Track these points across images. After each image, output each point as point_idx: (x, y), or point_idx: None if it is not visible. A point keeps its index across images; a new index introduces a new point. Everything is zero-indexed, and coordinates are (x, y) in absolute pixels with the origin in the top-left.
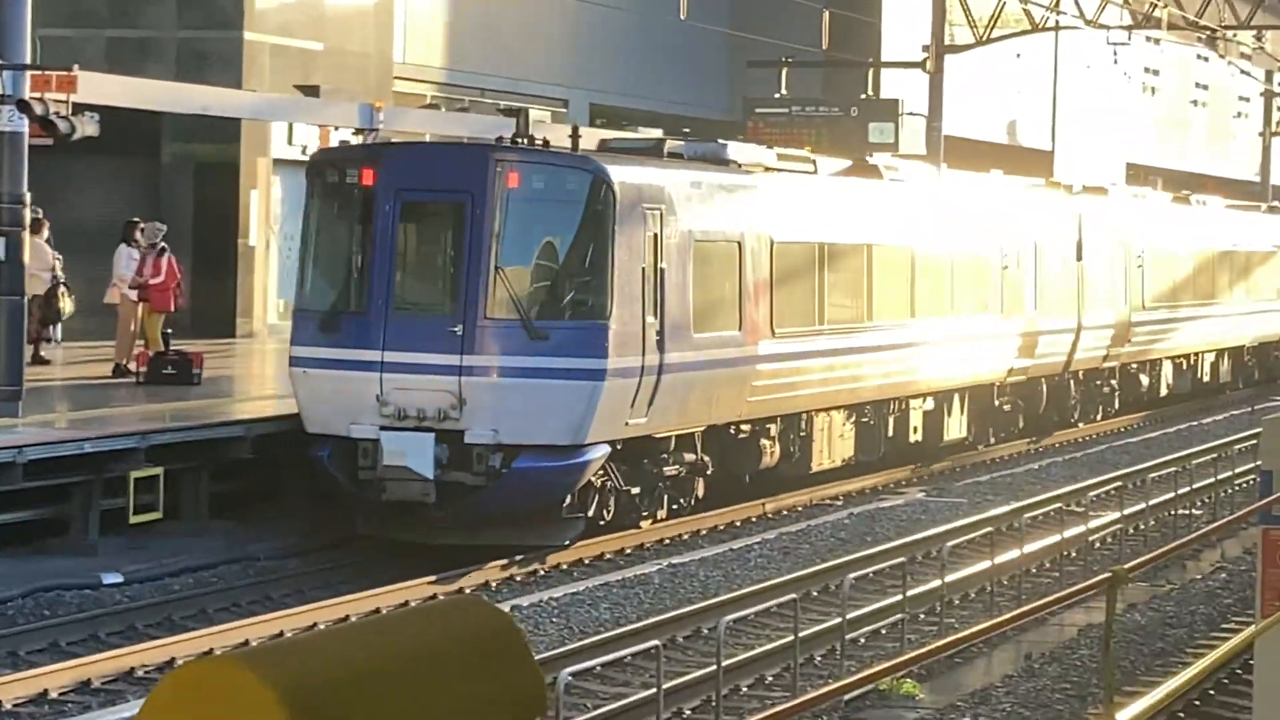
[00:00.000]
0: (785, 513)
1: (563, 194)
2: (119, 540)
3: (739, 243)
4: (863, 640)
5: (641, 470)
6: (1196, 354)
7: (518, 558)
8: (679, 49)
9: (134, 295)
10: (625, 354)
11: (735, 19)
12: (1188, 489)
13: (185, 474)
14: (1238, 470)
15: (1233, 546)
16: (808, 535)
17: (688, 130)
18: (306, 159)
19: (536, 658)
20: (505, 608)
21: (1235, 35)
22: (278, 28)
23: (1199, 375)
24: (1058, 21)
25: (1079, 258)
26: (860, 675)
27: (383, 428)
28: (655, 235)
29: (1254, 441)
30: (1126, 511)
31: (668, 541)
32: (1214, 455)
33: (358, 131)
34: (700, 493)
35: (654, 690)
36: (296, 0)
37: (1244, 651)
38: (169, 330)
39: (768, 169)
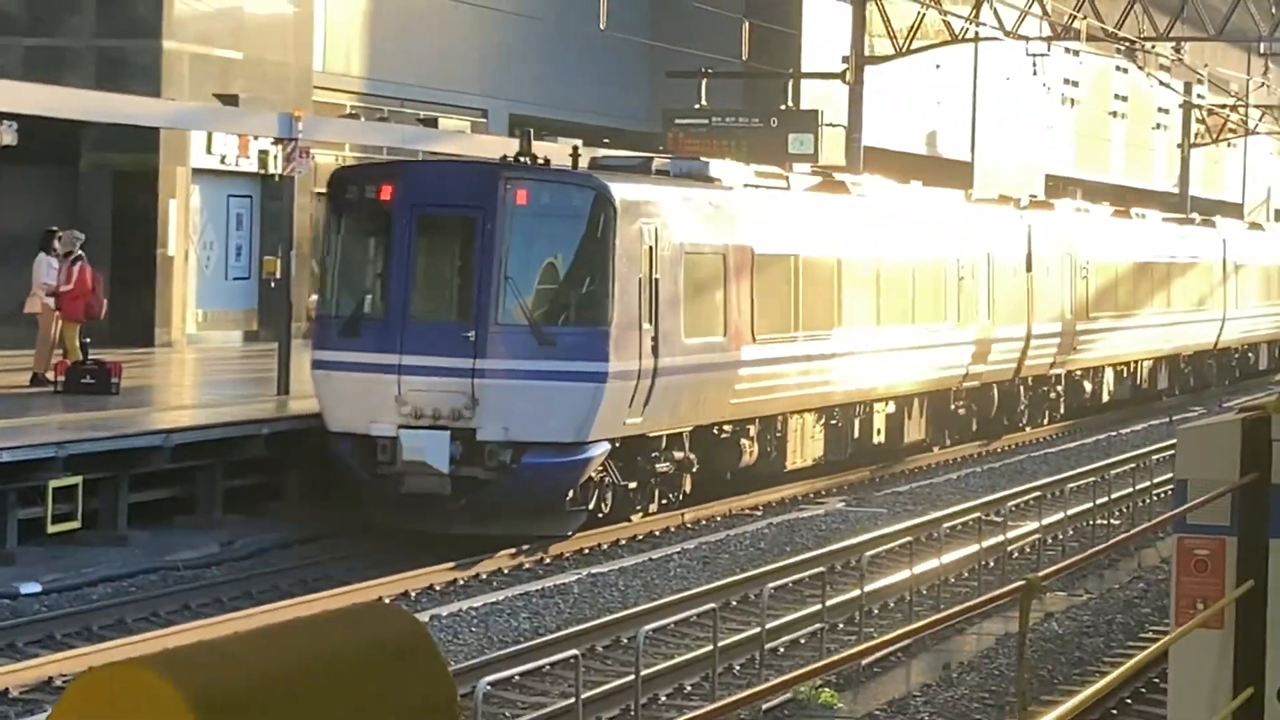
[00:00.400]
0: (705, 522)
1: (568, 209)
2: (37, 550)
3: (723, 255)
4: (782, 650)
5: (636, 467)
6: (1136, 361)
7: (457, 564)
8: (599, 59)
9: (53, 304)
10: (624, 358)
11: (655, 29)
12: (1106, 499)
13: (104, 483)
14: (1156, 480)
15: (1150, 556)
16: (727, 545)
17: (607, 140)
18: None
19: (454, 667)
20: (424, 617)
21: (1154, 47)
22: (197, 37)
23: (1138, 382)
24: (977, 33)
25: (1028, 269)
26: (773, 683)
27: (401, 426)
28: (650, 248)
29: (1171, 452)
30: (1045, 522)
31: (586, 551)
32: (1132, 465)
33: (277, 141)
34: (687, 489)
35: (573, 700)
36: (215, 10)
37: (1160, 660)
38: (87, 339)
39: (747, 185)
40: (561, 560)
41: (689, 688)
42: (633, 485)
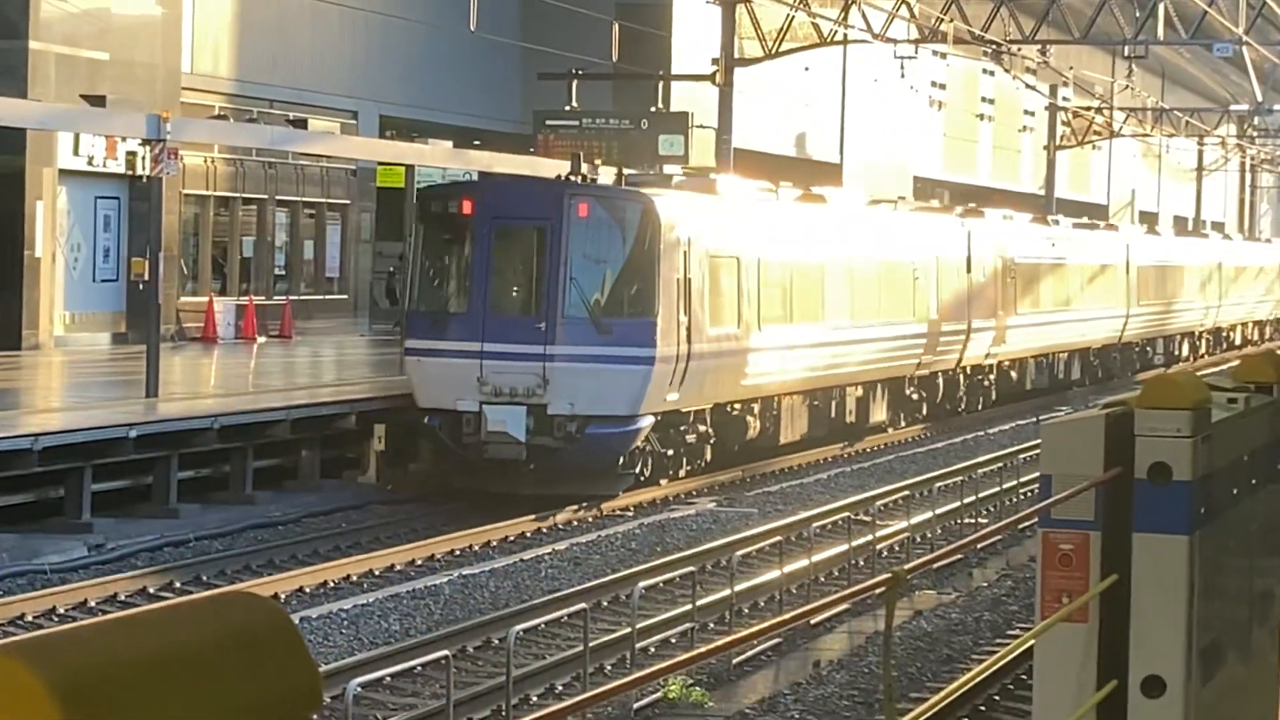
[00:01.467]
0: (576, 523)
1: (620, 220)
2: None
3: (737, 257)
4: (653, 650)
5: (671, 437)
6: (1054, 353)
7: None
8: (469, 60)
9: None
10: (667, 344)
11: (525, 31)
12: (973, 498)
13: None
14: (1023, 479)
15: (1018, 555)
16: (599, 546)
17: (478, 142)
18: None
19: (325, 669)
20: (294, 619)
21: (1020, 50)
22: (63, 38)
23: (1055, 372)
24: (845, 35)
25: (968, 270)
26: (634, 677)
27: (483, 402)
28: (684, 252)
29: (1037, 451)
30: (913, 521)
31: (458, 552)
32: (999, 465)
33: (144, 142)
34: (709, 457)
35: (444, 701)
36: (82, 10)
37: (1027, 655)
38: None
39: (747, 198)
40: (433, 562)
41: (560, 688)
42: (670, 453)
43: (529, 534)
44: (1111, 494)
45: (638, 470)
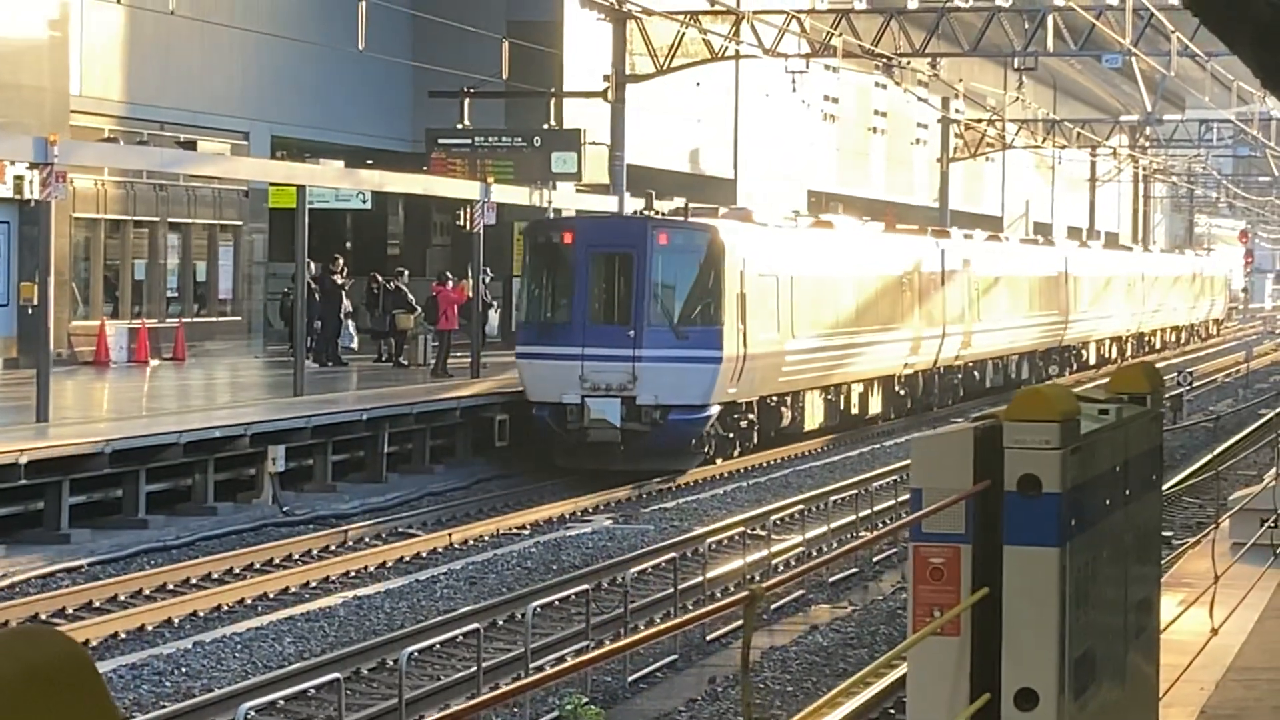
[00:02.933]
0: (471, 542)
1: (693, 247)
2: None
3: (775, 275)
4: (547, 669)
5: (729, 424)
6: (1007, 355)
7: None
8: (360, 80)
9: None
10: (729, 348)
11: (416, 50)
12: (869, 511)
13: None
14: None
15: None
16: (494, 565)
17: (370, 162)
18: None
19: (218, 693)
20: (188, 644)
21: (910, 63)
22: None
23: (1007, 372)
24: (737, 51)
25: (943, 283)
26: (523, 683)
27: (584, 396)
28: (741, 271)
29: None
30: (809, 535)
31: (353, 574)
32: (894, 478)
33: (32, 166)
34: (755, 440)
35: None
36: None
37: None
38: None
39: (775, 226)
40: (328, 584)
41: (453, 708)
42: (730, 436)
43: (424, 554)
44: (982, 507)
45: (706, 450)
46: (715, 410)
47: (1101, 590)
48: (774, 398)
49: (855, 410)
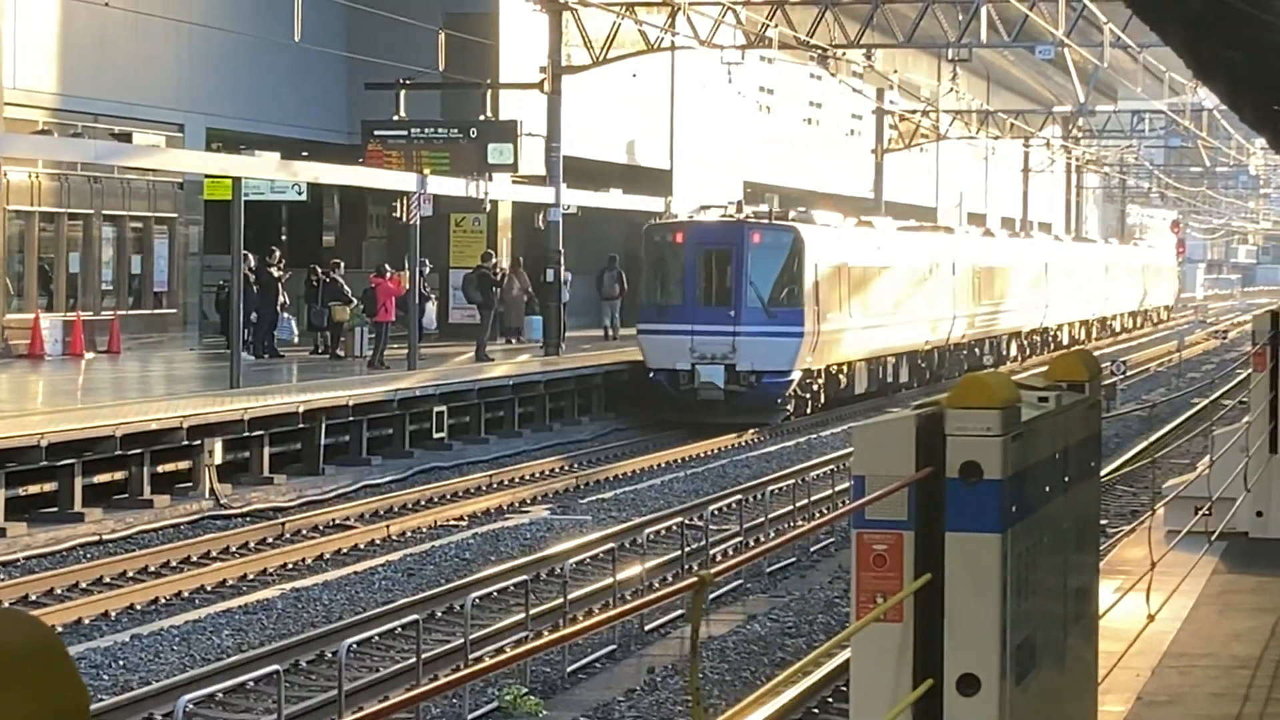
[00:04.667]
0: (410, 534)
1: (780, 244)
2: None
3: (837, 267)
4: (486, 659)
5: (806, 386)
6: (1002, 335)
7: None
8: (295, 71)
9: None
10: (809, 325)
11: (351, 41)
12: (806, 501)
13: None
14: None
15: (851, 556)
16: (432, 556)
17: (306, 154)
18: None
19: (156, 686)
20: (125, 636)
21: (846, 54)
22: None
23: (1003, 351)
24: (673, 42)
25: (953, 273)
26: (460, 674)
27: (694, 363)
28: (815, 263)
29: None
30: (746, 525)
31: (290, 566)
32: (831, 467)
33: None
34: (823, 400)
35: (276, 716)
36: None
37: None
38: None
39: (829, 226)
40: (265, 576)
41: (392, 700)
42: (806, 396)
43: (362, 546)
44: (924, 493)
45: (790, 408)
46: (797, 375)
47: (1042, 576)
48: (835, 366)
49: (889, 379)
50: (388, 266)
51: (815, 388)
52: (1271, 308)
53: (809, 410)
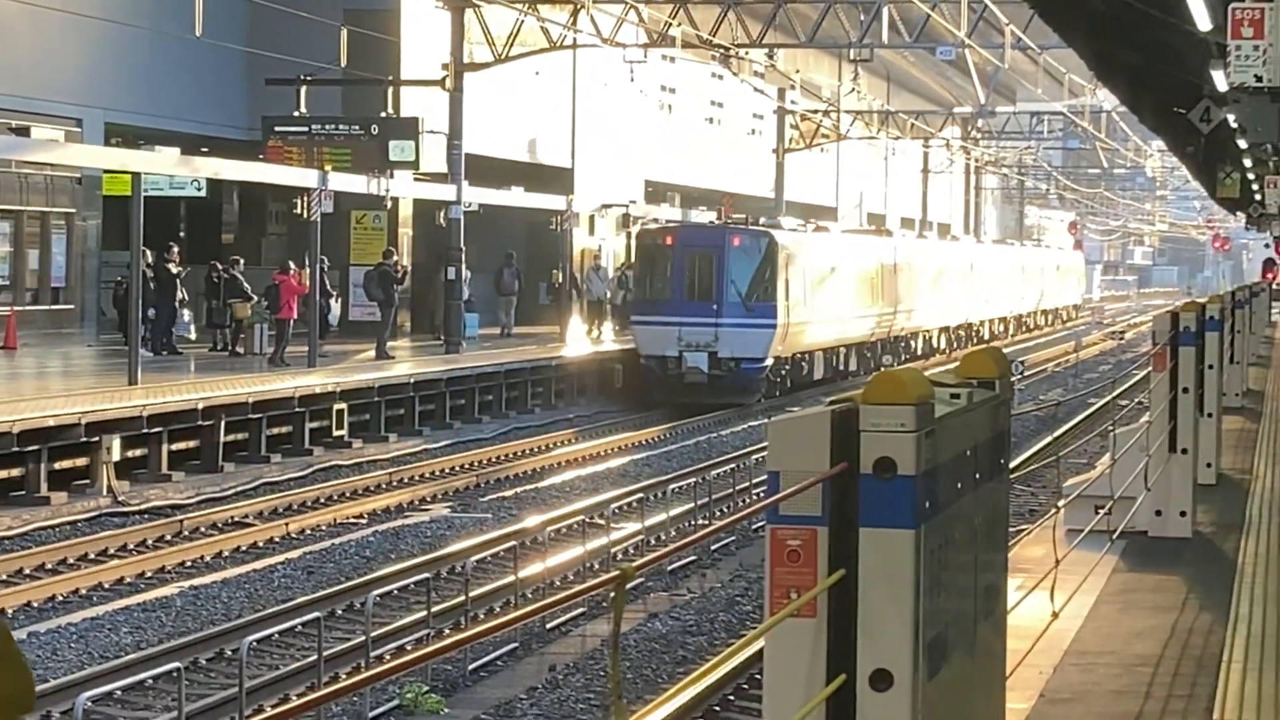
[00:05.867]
0: (309, 531)
1: (757, 246)
2: None
3: (802, 267)
4: (388, 657)
5: (776, 371)
6: (934, 330)
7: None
8: (196, 67)
9: None
10: (780, 318)
11: (252, 36)
12: (706, 499)
13: None
14: (755, 480)
15: (751, 555)
16: (332, 554)
17: (206, 149)
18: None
19: (54, 683)
20: (21, 634)
21: (748, 54)
22: None
23: (932, 342)
24: (575, 40)
25: (894, 273)
26: (363, 676)
27: (681, 351)
28: (786, 264)
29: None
30: (648, 523)
31: (189, 564)
32: (731, 466)
33: None
34: (790, 384)
35: (176, 714)
36: None
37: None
38: None
39: (793, 230)
40: (164, 574)
41: (294, 698)
42: (776, 380)
43: (261, 544)
44: (838, 489)
45: (763, 390)
46: (770, 362)
47: (954, 572)
48: (799, 355)
49: (841, 367)
50: (291, 264)
51: (783, 373)
52: (1171, 308)
53: (778, 394)
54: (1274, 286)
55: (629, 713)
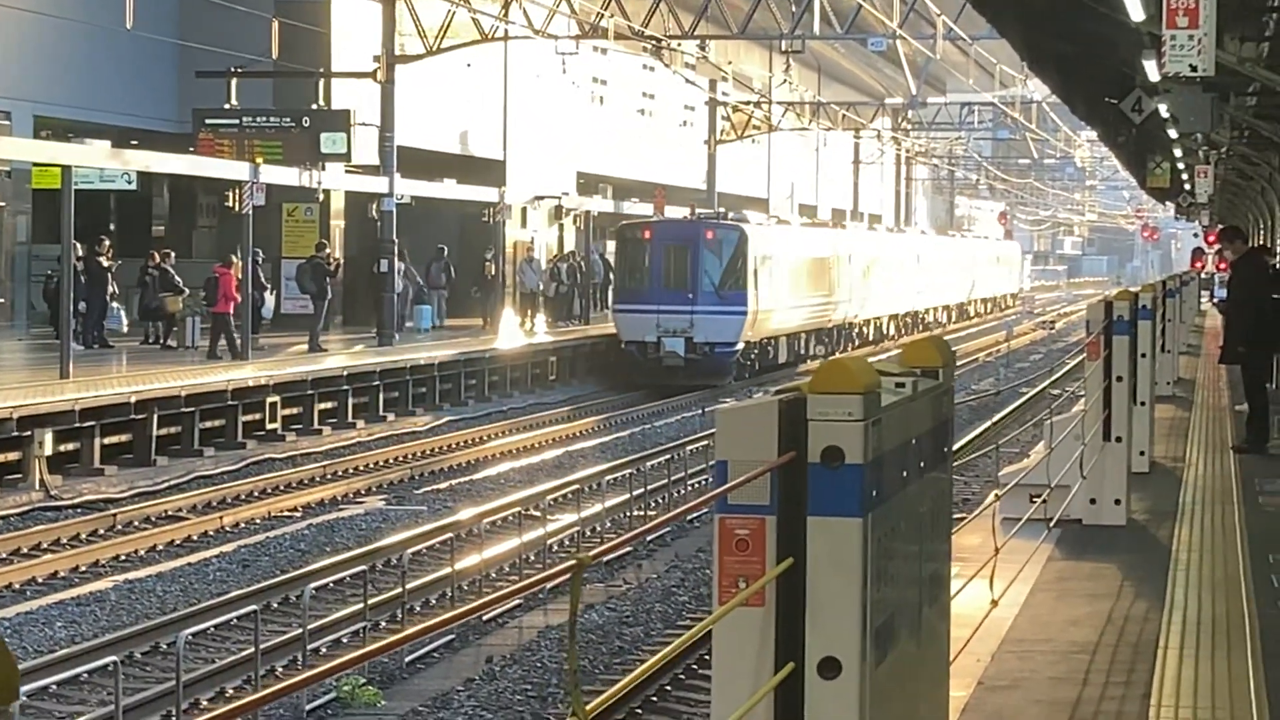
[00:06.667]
0: (244, 525)
1: (729, 239)
2: None
3: (768, 258)
4: (324, 650)
5: (747, 354)
6: (882, 317)
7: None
8: (126, 59)
9: None
10: (750, 305)
11: (183, 28)
12: (642, 490)
13: None
14: (690, 471)
15: (687, 546)
16: (267, 547)
17: (136, 142)
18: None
19: None
20: None
21: (680, 45)
22: None
23: (882, 329)
24: (506, 31)
25: (848, 263)
26: (306, 675)
27: (660, 336)
28: (755, 255)
29: (705, 442)
30: (584, 514)
31: (124, 558)
32: (667, 457)
33: None
34: (758, 367)
35: (112, 708)
36: None
37: (706, 641)
38: None
39: (760, 224)
40: (98, 568)
41: (231, 691)
42: (746, 363)
43: (195, 537)
44: (786, 478)
45: (734, 372)
46: (741, 346)
47: (900, 561)
48: (765, 340)
49: (802, 352)
50: (234, 257)
51: (752, 357)
52: (1104, 297)
53: (748, 375)
54: (1203, 275)
55: (585, 700)
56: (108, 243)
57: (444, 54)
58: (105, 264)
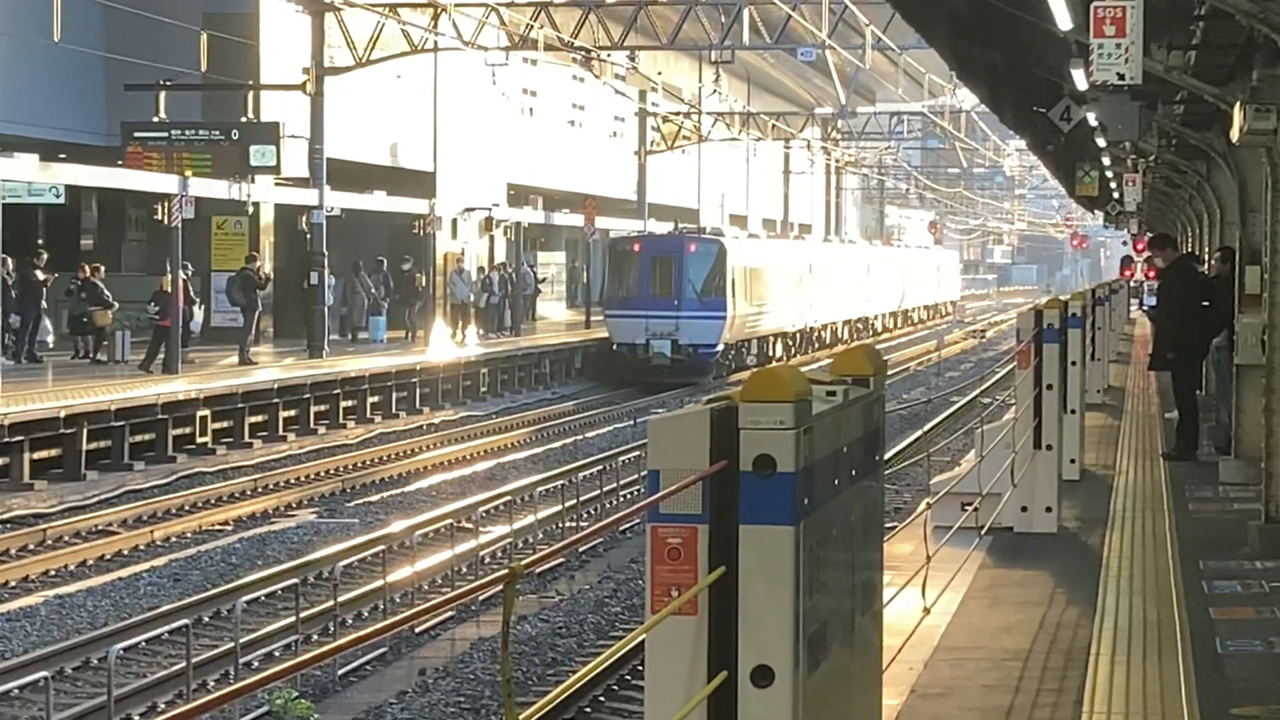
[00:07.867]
0: (175, 539)
1: (710, 252)
2: None
3: (744, 269)
4: (256, 663)
5: (726, 355)
6: (839, 323)
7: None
8: (53, 72)
9: None
10: (729, 310)
11: (110, 41)
12: (575, 501)
13: None
14: (623, 481)
15: (620, 556)
16: (198, 561)
17: (64, 156)
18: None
19: None
20: None
21: (609, 56)
22: None
23: (837, 334)
24: (436, 43)
25: (810, 272)
26: (236, 686)
27: (649, 339)
28: (734, 265)
29: (637, 453)
30: (516, 526)
31: (53, 572)
32: (600, 468)
33: None
34: (733, 367)
35: None
36: None
37: (638, 651)
38: None
39: (736, 237)
40: (27, 582)
41: (163, 705)
42: (726, 363)
43: (126, 551)
44: (718, 487)
45: (715, 372)
46: (721, 348)
47: (832, 569)
48: (740, 343)
49: (771, 354)
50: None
51: (730, 357)
52: (1034, 306)
53: (726, 374)
54: (1132, 283)
55: (518, 711)
56: (46, 256)
57: (373, 66)
58: (42, 277)
